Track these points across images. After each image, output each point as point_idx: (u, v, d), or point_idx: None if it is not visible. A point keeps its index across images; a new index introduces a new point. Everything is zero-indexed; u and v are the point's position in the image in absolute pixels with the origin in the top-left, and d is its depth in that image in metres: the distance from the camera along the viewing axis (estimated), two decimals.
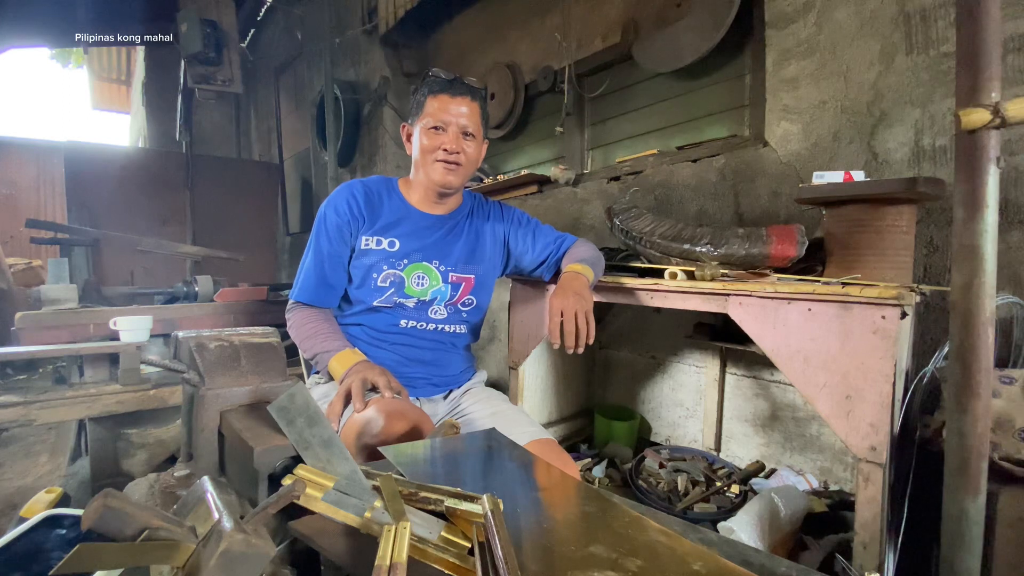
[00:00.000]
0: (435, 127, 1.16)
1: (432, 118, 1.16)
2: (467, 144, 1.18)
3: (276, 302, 2.72)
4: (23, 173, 6.13)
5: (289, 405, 0.57)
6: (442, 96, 1.16)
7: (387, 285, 1.18)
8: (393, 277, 1.19)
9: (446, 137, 1.16)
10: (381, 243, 1.19)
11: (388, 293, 1.19)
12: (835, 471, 1.58)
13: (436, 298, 1.22)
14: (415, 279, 1.20)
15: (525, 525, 0.56)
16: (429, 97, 1.17)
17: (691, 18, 1.93)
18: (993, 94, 0.80)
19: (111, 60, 8.15)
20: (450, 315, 1.25)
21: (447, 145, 1.15)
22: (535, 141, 2.87)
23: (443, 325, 1.24)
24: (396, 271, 1.19)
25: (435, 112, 1.15)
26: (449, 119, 1.15)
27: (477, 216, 1.32)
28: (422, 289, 1.21)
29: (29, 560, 0.72)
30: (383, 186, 1.25)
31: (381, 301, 1.19)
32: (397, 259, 1.19)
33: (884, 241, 1.16)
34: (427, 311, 1.22)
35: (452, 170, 1.18)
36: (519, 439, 1.05)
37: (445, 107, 1.15)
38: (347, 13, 3.85)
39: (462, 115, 1.16)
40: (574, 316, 1.06)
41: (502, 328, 2.50)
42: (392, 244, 1.20)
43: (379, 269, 1.18)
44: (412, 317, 1.22)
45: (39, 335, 2.04)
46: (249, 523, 0.43)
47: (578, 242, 1.38)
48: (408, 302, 1.20)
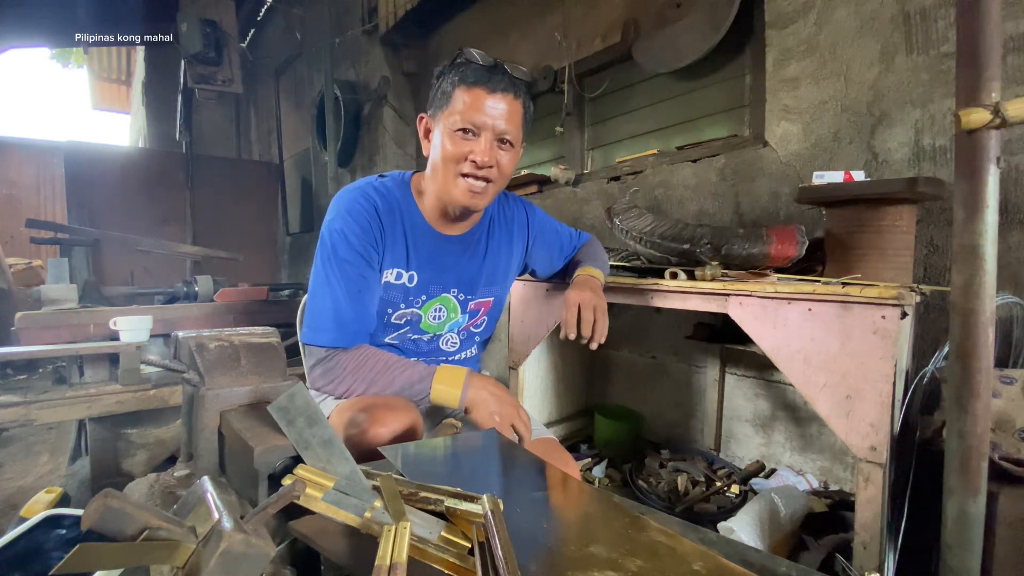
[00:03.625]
0: (464, 129, 0.92)
1: (462, 117, 0.91)
2: (502, 155, 0.95)
3: (276, 302, 2.72)
4: (23, 173, 6.13)
5: (289, 405, 0.57)
6: (477, 90, 0.91)
7: (402, 323, 1.06)
8: (410, 316, 1.06)
9: (477, 145, 0.92)
10: (401, 277, 1.03)
11: (403, 331, 1.07)
12: (835, 471, 1.58)
13: (450, 329, 1.13)
14: (432, 313, 1.08)
15: (525, 525, 0.56)
16: (460, 88, 0.92)
17: (691, 18, 1.93)
18: (993, 94, 0.80)
19: (111, 60, 8.16)
20: (463, 342, 1.16)
21: (477, 156, 0.92)
22: (535, 141, 2.87)
23: (455, 355, 1.15)
24: (414, 309, 1.05)
25: (466, 110, 0.91)
26: (484, 121, 0.91)
27: (499, 227, 1.14)
28: (439, 323, 1.09)
29: (29, 560, 0.72)
30: (396, 192, 1.04)
31: (393, 338, 1.07)
32: (415, 295, 1.05)
33: (884, 241, 1.16)
34: (439, 342, 1.12)
35: (479, 192, 0.95)
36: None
37: (480, 105, 0.91)
38: (347, 13, 3.85)
39: (500, 116, 0.92)
40: (592, 309, 1.04)
41: (502, 328, 2.50)
42: (412, 279, 1.04)
43: (396, 306, 1.04)
44: (423, 353, 1.11)
45: (39, 335, 2.04)
46: (249, 523, 0.43)
47: (590, 242, 1.35)
48: (423, 337, 1.10)
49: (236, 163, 5.83)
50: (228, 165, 5.43)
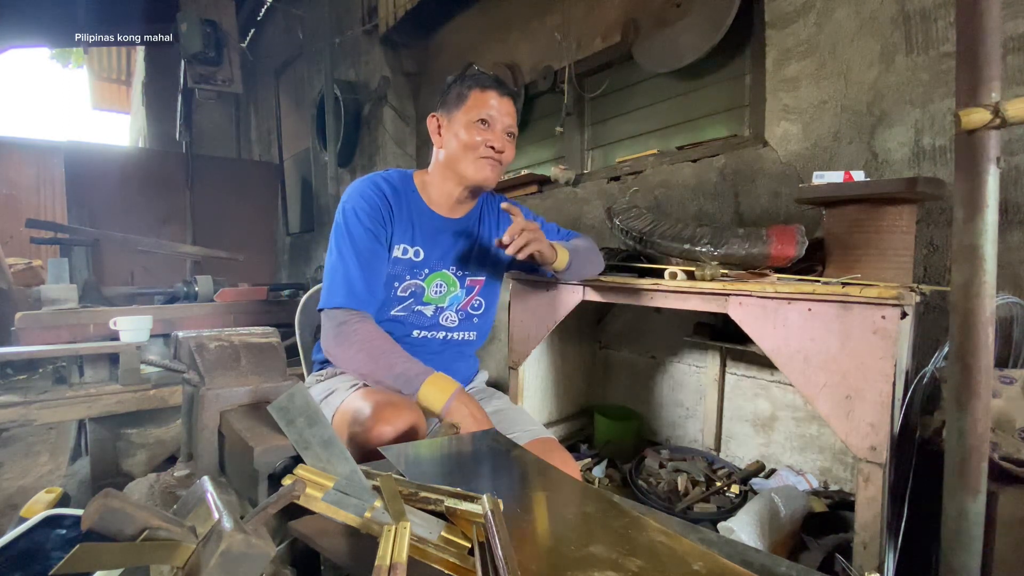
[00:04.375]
0: (483, 120, 1.10)
1: (481, 110, 1.10)
2: (509, 144, 1.15)
3: (276, 302, 2.72)
4: (23, 173, 6.13)
5: (289, 405, 0.57)
6: (491, 92, 1.12)
7: (407, 295, 1.16)
8: (414, 288, 1.16)
9: (491, 133, 1.11)
10: (407, 252, 1.15)
11: (407, 302, 1.16)
12: (835, 471, 1.58)
13: (451, 304, 1.20)
14: (434, 288, 1.18)
15: (525, 525, 0.56)
16: (476, 90, 1.12)
17: (691, 18, 1.93)
18: (993, 94, 0.80)
19: (111, 60, 8.16)
20: (461, 321, 1.23)
21: (495, 142, 1.11)
22: (535, 141, 2.87)
23: (454, 333, 1.22)
24: (418, 281, 1.16)
25: (483, 106, 1.10)
26: (495, 115, 1.11)
27: (487, 215, 1.29)
28: (440, 296, 1.19)
29: (29, 560, 0.72)
30: (401, 183, 1.18)
31: (399, 310, 1.16)
32: (420, 269, 1.16)
33: (884, 241, 1.16)
34: (439, 318, 1.20)
35: (495, 168, 1.14)
36: (521, 437, 1.05)
37: (493, 102, 1.11)
38: (347, 13, 3.85)
39: (507, 113, 1.13)
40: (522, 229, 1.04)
41: (502, 328, 2.50)
42: (417, 254, 1.16)
43: (402, 279, 1.15)
44: (425, 327, 1.18)
45: (39, 335, 2.04)
46: (249, 523, 0.43)
47: (580, 237, 1.37)
48: (426, 310, 1.18)
49: (236, 163, 5.83)
50: (228, 165, 5.43)
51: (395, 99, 3.62)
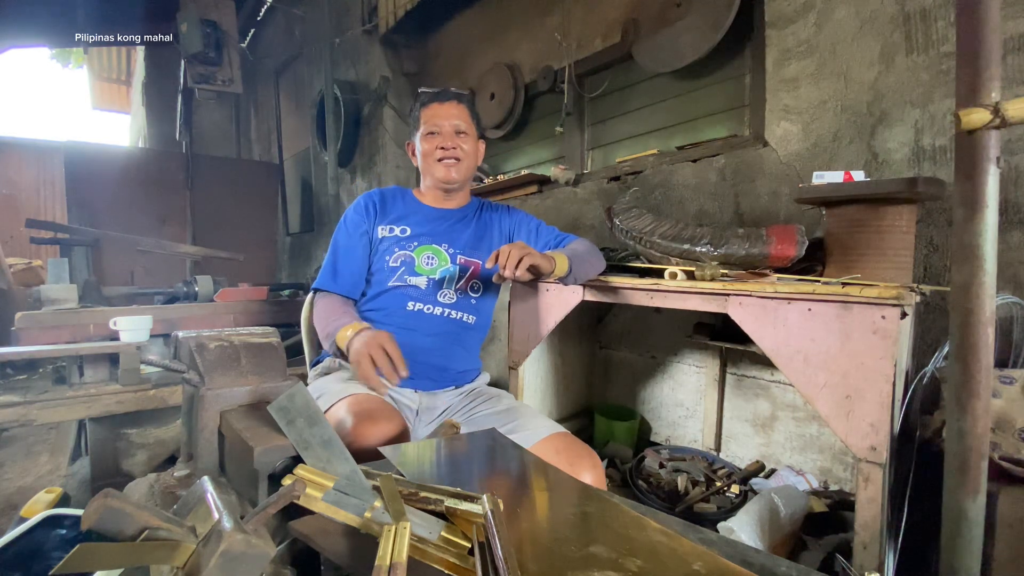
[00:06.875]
0: (431, 132, 1.29)
1: (427, 125, 1.29)
2: (462, 141, 1.30)
3: (276, 302, 2.72)
4: (23, 173, 6.13)
5: (289, 405, 0.57)
6: (432, 105, 1.30)
7: (398, 264, 1.27)
8: (404, 257, 1.27)
9: (441, 138, 1.29)
10: (394, 231, 1.31)
11: (399, 272, 1.26)
12: (835, 471, 1.58)
13: (445, 278, 1.28)
14: (425, 259, 1.28)
15: (525, 525, 0.56)
16: (422, 110, 1.31)
17: (691, 18, 1.93)
18: (993, 94, 0.80)
19: (111, 60, 8.15)
20: (459, 300, 1.28)
21: (443, 143, 1.28)
22: (535, 141, 2.87)
23: (451, 311, 1.27)
24: (407, 251, 1.28)
25: (429, 119, 1.29)
26: (441, 122, 1.28)
27: (486, 211, 1.42)
28: (431, 268, 1.28)
29: (29, 560, 0.72)
30: (398, 191, 1.39)
31: (393, 281, 1.26)
32: (408, 241, 1.29)
33: (884, 241, 1.16)
34: (436, 294, 1.27)
35: (452, 165, 1.30)
36: (537, 432, 1.07)
37: (436, 113, 1.29)
38: (347, 13, 3.85)
39: (452, 116, 1.29)
40: (508, 251, 1.06)
41: (502, 328, 2.50)
42: (404, 231, 1.31)
43: (391, 252, 1.28)
44: (420, 299, 1.26)
45: (39, 335, 2.04)
46: (249, 523, 0.43)
47: (578, 240, 1.38)
48: (419, 281, 1.26)
49: (236, 163, 5.81)
50: (228, 165, 5.41)
51: (395, 99, 3.62)
